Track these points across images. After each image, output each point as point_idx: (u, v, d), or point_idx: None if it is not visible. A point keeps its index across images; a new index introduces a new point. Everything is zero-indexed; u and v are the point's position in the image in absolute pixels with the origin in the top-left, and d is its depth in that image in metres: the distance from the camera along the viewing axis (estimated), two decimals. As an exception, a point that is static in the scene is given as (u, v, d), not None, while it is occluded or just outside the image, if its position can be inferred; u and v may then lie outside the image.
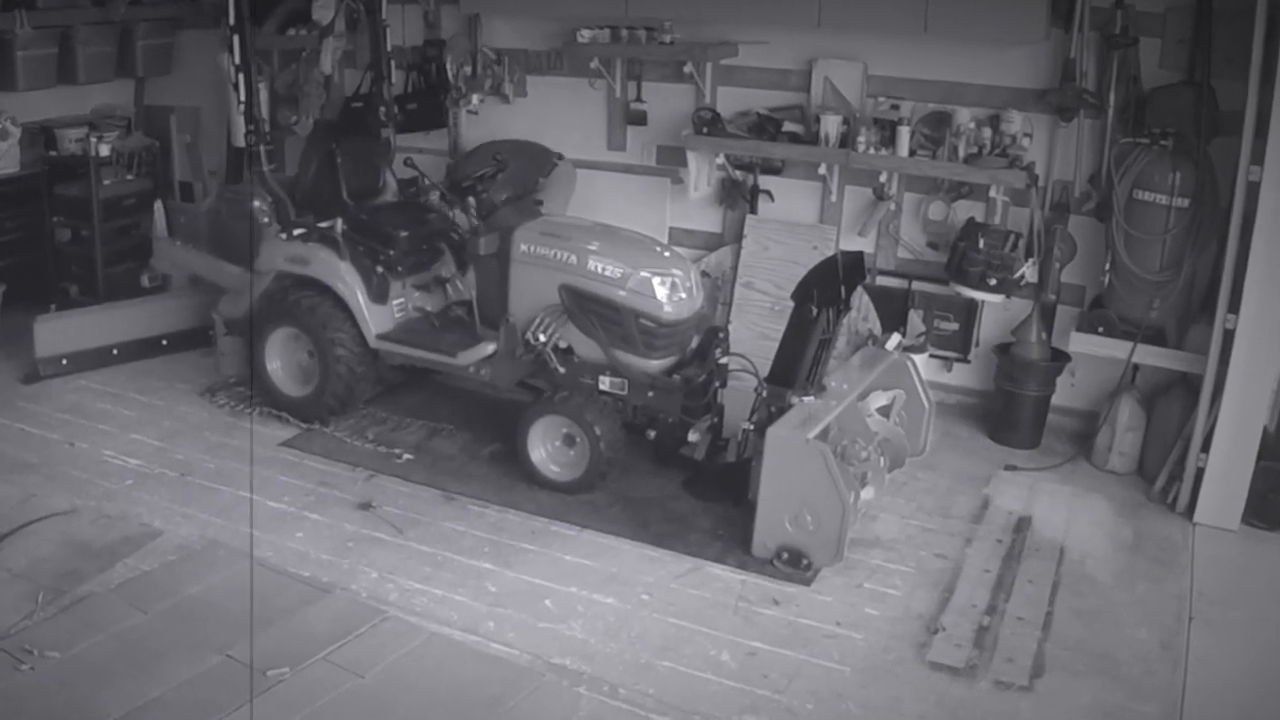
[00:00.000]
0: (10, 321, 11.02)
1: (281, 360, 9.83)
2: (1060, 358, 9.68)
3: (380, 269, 9.51)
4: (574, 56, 10.91)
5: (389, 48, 10.63)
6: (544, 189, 10.83)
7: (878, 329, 9.77)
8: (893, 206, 10.18)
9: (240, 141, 10.13)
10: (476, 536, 8.11)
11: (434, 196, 10.07)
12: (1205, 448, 8.44)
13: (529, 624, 7.08)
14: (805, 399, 7.88)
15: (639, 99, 11.03)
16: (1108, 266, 9.14)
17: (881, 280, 10.35)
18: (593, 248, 8.67)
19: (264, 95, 10.99)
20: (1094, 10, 9.08)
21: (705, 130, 10.35)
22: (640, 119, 11.05)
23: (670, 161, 10.96)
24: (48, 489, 8.44)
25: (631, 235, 9.09)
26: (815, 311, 8.23)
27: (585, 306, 8.65)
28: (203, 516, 8.21)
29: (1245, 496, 8.35)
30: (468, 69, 11.46)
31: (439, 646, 6.79)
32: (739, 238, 10.71)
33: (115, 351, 10.87)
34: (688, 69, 10.54)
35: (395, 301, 9.59)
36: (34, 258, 12.04)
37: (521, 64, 11.46)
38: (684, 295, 8.61)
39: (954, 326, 10.21)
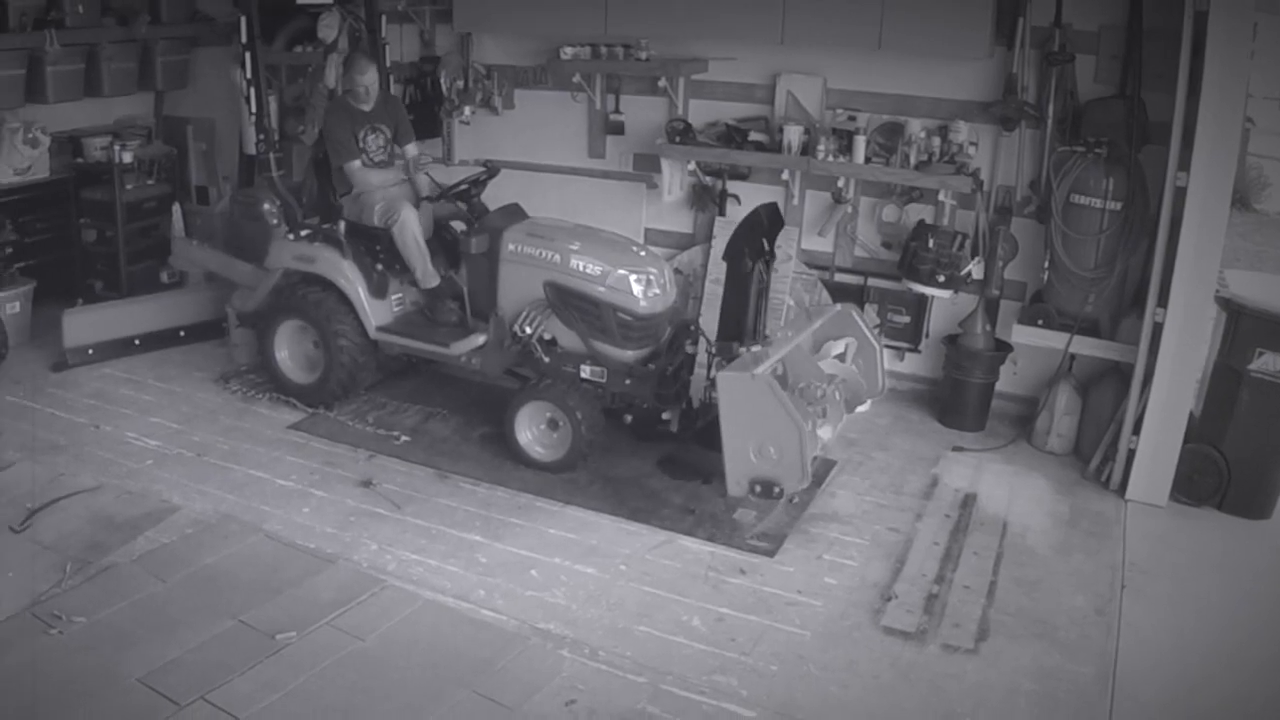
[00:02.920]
0: (41, 315, 11.00)
1: (289, 350, 9.80)
2: (1003, 348, 9.68)
3: (380, 267, 9.48)
4: (557, 72, 10.86)
5: (388, 63, 10.59)
6: None
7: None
8: (850, 209, 10.15)
9: (251, 149, 10.16)
10: (468, 511, 8.08)
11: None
12: (1136, 430, 8.45)
13: (516, 592, 7.06)
14: (753, 349, 7.82)
15: (617, 111, 10.99)
16: (1047, 264, 9.12)
17: (839, 277, 10.34)
18: (575, 248, 8.66)
19: (273, 107, 10.94)
20: (1034, 29, 9.08)
21: (678, 139, 10.33)
22: (618, 129, 11.02)
23: (646, 168, 10.92)
24: (75, 468, 8.41)
25: (610, 236, 9.05)
26: (750, 265, 8.22)
27: (568, 301, 8.63)
28: (217, 493, 8.18)
29: (1173, 475, 8.36)
30: (460, 83, 11.42)
31: (433, 612, 6.78)
32: (709, 238, 10.67)
33: (137, 342, 10.85)
34: (662, 83, 10.53)
35: (394, 296, 9.57)
36: (63, 256, 11.98)
37: (510, 78, 11.41)
38: (658, 291, 8.60)
39: (906, 319, 10.20)
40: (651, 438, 8.97)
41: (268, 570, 7.13)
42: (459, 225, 9.52)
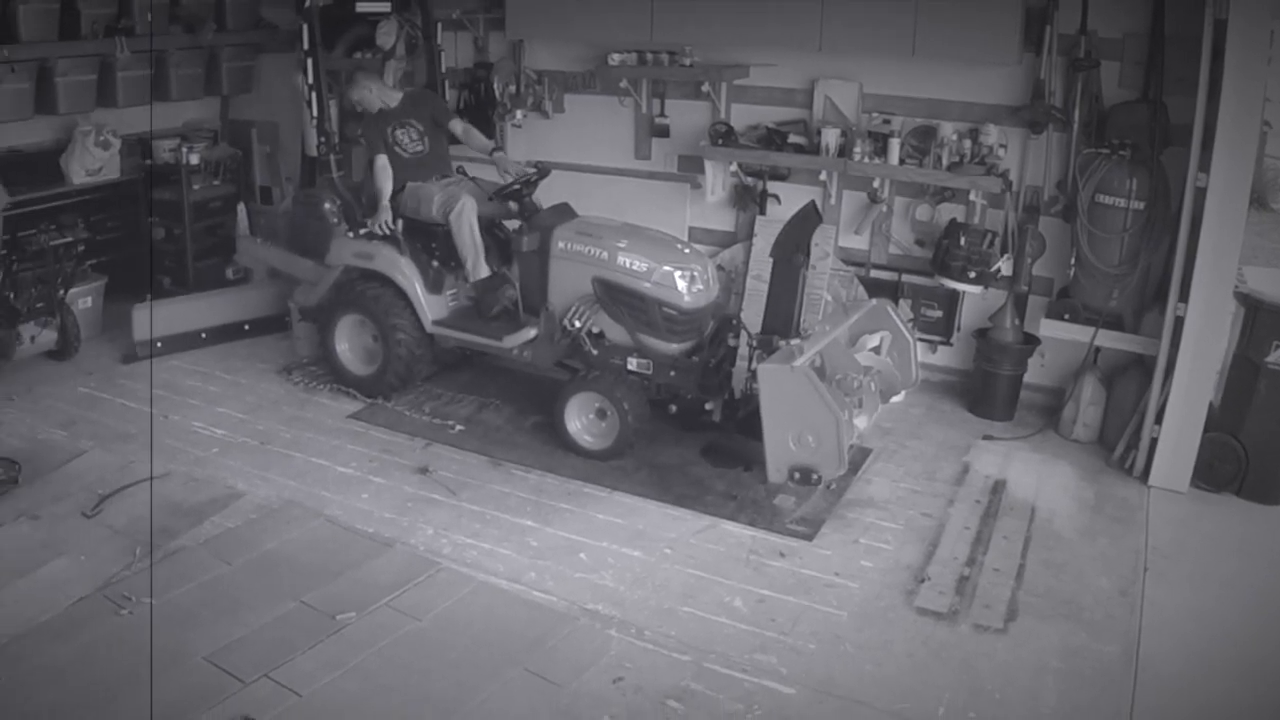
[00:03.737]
0: (112, 310, 11.10)
1: (349, 343, 9.87)
2: (1031, 341, 9.67)
3: (435, 263, 9.53)
4: (605, 77, 10.90)
5: (444, 69, 10.70)
6: None
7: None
8: (885, 208, 10.16)
9: (313, 151, 10.15)
10: (520, 497, 8.13)
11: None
12: (1158, 420, 8.44)
13: (566, 574, 7.11)
14: (792, 342, 7.83)
15: (662, 114, 11.02)
16: (1073, 261, 9.12)
17: (875, 273, 10.34)
18: (622, 245, 8.68)
19: (334, 111, 10.97)
20: (1061, 36, 9.06)
21: (720, 142, 10.35)
22: (663, 132, 11.05)
23: (690, 169, 10.93)
24: (144, 456, 8.45)
25: (656, 234, 9.06)
26: (802, 260, 8.24)
27: (615, 296, 8.65)
28: (280, 479, 8.25)
29: (1193, 463, 8.35)
30: (512, 88, 11.45)
31: (487, 594, 6.83)
32: (750, 236, 10.69)
33: (203, 335, 10.94)
34: (705, 88, 10.54)
35: (449, 292, 9.60)
36: (132, 254, 12.04)
37: (560, 83, 11.44)
38: (701, 287, 8.62)
39: (938, 314, 10.19)
40: (695, 427, 8.96)
41: (328, 553, 7.20)
42: (511, 224, 9.58)
